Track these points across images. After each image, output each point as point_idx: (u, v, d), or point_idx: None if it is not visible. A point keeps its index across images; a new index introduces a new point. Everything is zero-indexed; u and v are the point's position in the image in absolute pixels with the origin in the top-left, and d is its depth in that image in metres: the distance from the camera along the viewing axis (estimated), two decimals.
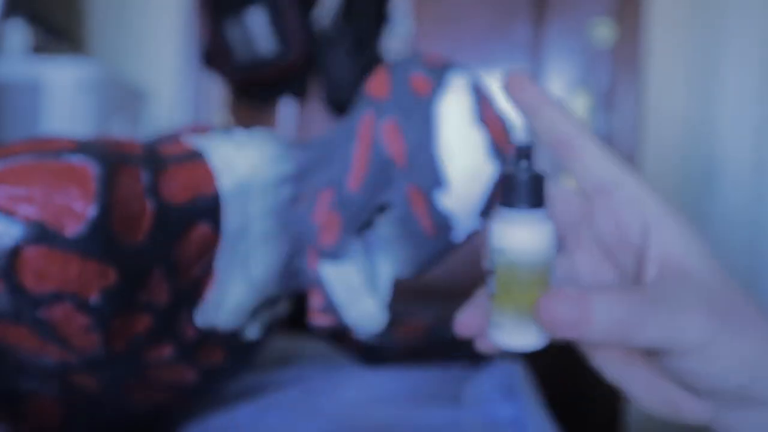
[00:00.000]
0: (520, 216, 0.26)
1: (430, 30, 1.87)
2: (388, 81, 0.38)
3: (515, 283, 0.26)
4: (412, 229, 0.37)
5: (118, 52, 1.93)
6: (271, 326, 0.45)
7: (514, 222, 0.26)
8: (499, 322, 0.26)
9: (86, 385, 0.36)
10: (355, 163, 0.38)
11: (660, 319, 0.25)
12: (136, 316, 0.34)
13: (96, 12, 1.96)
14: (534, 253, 0.26)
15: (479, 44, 1.85)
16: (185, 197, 0.36)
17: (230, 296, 0.39)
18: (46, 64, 1.48)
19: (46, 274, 0.30)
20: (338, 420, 0.52)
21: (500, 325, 0.26)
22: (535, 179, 0.26)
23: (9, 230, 0.29)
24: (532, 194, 0.26)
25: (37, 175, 0.31)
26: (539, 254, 0.26)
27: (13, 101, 1.39)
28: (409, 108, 0.37)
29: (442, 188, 0.36)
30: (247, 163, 0.38)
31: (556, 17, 1.82)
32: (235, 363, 0.44)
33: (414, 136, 0.36)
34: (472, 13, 1.85)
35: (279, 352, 0.74)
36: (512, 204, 0.26)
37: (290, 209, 0.39)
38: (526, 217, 0.26)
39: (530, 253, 0.26)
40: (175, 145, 0.37)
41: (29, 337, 0.31)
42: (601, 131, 1.80)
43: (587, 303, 0.25)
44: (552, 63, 1.82)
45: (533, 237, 0.26)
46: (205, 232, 0.37)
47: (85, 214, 0.31)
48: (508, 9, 1.84)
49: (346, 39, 1.75)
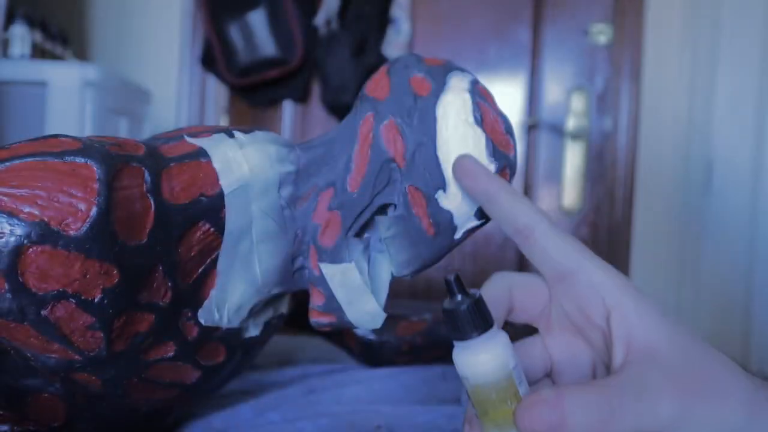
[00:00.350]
0: (472, 344, 0.28)
1: (430, 31, 1.87)
2: (388, 82, 0.38)
3: (487, 402, 0.28)
4: (412, 229, 0.37)
5: (119, 53, 1.93)
6: (272, 325, 0.45)
7: (467, 351, 0.28)
8: None
9: (89, 384, 0.36)
10: (355, 164, 0.38)
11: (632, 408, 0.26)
12: (138, 315, 0.34)
13: (98, 15, 1.96)
14: (493, 372, 0.28)
15: (479, 46, 1.85)
16: (187, 197, 0.36)
17: (232, 295, 0.39)
18: (49, 65, 1.48)
19: (49, 274, 0.30)
20: (338, 419, 0.53)
21: None
22: (472, 307, 0.28)
23: (12, 230, 0.30)
24: (473, 322, 0.28)
25: (40, 176, 0.31)
26: (498, 371, 0.28)
27: (17, 102, 1.39)
28: (409, 109, 0.37)
29: (441, 188, 0.36)
30: (248, 164, 0.38)
31: (555, 19, 1.82)
32: (236, 361, 0.44)
33: (414, 136, 0.37)
34: (472, 14, 1.85)
35: (279, 352, 0.74)
36: (461, 337, 0.28)
37: (291, 209, 0.40)
38: (476, 343, 0.28)
39: (490, 374, 0.28)
40: (177, 146, 0.38)
41: (33, 336, 0.31)
42: (599, 132, 1.80)
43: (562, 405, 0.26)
44: (550, 64, 1.82)
45: (488, 359, 0.28)
46: (207, 232, 0.37)
47: (88, 214, 0.31)
48: (508, 11, 1.84)
49: (346, 41, 1.75)
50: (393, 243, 0.39)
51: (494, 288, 0.32)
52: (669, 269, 1.74)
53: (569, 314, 0.31)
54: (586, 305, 0.30)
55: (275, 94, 1.90)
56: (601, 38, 1.79)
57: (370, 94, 0.39)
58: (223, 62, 1.83)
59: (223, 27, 1.81)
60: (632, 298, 0.29)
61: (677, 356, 0.27)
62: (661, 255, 1.75)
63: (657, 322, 0.28)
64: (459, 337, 0.28)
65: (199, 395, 0.45)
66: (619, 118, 1.78)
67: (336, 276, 0.39)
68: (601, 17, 1.79)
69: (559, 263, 0.31)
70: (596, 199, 1.80)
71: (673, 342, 0.28)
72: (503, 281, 0.32)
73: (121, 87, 1.58)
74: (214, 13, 1.81)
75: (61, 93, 1.38)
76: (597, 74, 1.80)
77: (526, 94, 1.84)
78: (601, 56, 1.79)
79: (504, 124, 0.37)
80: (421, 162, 0.37)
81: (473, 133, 0.36)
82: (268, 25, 1.78)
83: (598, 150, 1.80)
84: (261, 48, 1.79)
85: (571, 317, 0.31)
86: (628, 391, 0.26)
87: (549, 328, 0.32)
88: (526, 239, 0.31)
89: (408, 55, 0.40)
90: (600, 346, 0.30)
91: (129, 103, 1.63)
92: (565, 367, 0.32)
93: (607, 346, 0.30)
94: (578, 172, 1.81)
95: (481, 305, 0.28)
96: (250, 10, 1.78)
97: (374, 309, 0.39)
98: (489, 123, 0.37)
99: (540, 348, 0.32)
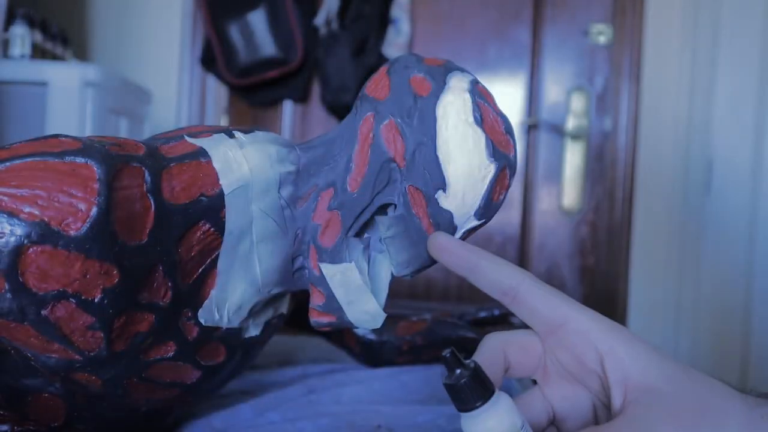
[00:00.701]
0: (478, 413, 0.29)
1: (430, 31, 1.87)
2: (388, 82, 0.38)
3: None
4: (412, 229, 0.37)
5: (119, 53, 1.93)
6: (272, 325, 0.45)
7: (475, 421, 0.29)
8: None
9: (89, 384, 0.36)
10: (355, 164, 0.38)
11: None
12: (138, 315, 0.34)
13: (98, 15, 1.96)
14: None
15: (479, 46, 1.85)
16: (187, 197, 0.36)
17: (232, 295, 0.39)
18: (49, 65, 1.48)
19: (50, 274, 0.30)
20: (338, 419, 0.53)
21: None
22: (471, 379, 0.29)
23: (13, 230, 0.30)
24: (475, 393, 0.29)
25: (40, 176, 0.31)
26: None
27: (17, 102, 1.39)
28: (409, 109, 0.37)
29: (441, 188, 0.36)
30: (249, 164, 0.38)
31: (555, 19, 1.82)
32: (236, 361, 0.44)
33: (414, 136, 0.37)
34: (472, 14, 1.85)
35: (279, 352, 0.74)
36: (466, 408, 0.29)
37: (291, 209, 0.40)
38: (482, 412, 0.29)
39: None
40: (177, 146, 0.38)
41: (33, 336, 0.32)
42: (599, 132, 1.80)
43: None
44: (550, 64, 1.82)
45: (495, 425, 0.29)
46: (207, 232, 0.37)
47: (88, 214, 0.31)
48: (508, 11, 1.84)
49: (346, 41, 1.75)
50: (393, 243, 0.39)
51: (488, 351, 0.33)
52: (669, 269, 1.74)
53: (564, 363, 0.32)
54: (580, 353, 0.31)
55: (275, 94, 1.90)
56: (601, 38, 1.79)
57: (370, 94, 0.39)
58: (223, 62, 1.83)
59: (223, 27, 1.81)
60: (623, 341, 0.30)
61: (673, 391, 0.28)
62: (661, 255, 1.75)
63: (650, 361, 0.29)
64: (464, 408, 0.29)
65: (199, 395, 0.45)
66: (619, 118, 1.78)
67: (336, 276, 0.39)
68: (601, 17, 1.79)
69: (547, 317, 0.32)
70: (596, 199, 1.80)
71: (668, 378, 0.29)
72: (496, 343, 0.33)
73: (121, 87, 1.58)
74: (214, 13, 1.81)
75: (61, 93, 1.38)
76: (597, 74, 1.80)
77: (526, 94, 1.84)
78: (601, 56, 1.80)
79: (504, 124, 0.37)
80: (421, 162, 0.37)
81: (473, 133, 0.36)
82: (268, 25, 1.78)
83: (598, 150, 1.80)
84: (261, 48, 1.79)
85: (566, 366, 0.32)
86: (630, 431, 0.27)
87: (547, 378, 0.33)
88: (513, 299, 0.32)
89: (408, 55, 0.40)
90: (598, 390, 0.31)
91: (129, 103, 1.63)
92: (567, 413, 0.33)
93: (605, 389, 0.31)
94: (578, 172, 1.81)
95: (480, 374, 0.29)
96: (250, 10, 1.78)
97: (374, 309, 0.39)
98: (489, 123, 0.37)
99: (540, 399, 0.33)
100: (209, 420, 0.51)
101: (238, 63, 1.81)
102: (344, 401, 0.58)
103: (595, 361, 0.30)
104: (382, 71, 0.40)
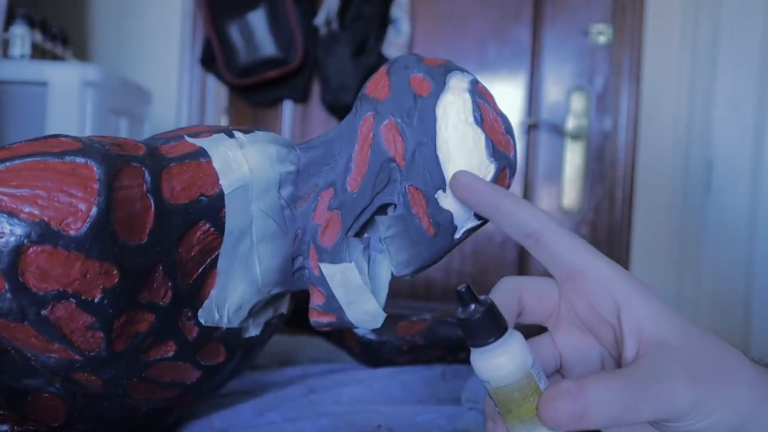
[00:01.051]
0: (490, 349, 0.29)
1: (430, 31, 1.87)
2: (388, 82, 0.38)
3: (511, 402, 0.29)
4: (412, 229, 0.37)
5: (119, 53, 1.93)
6: (272, 325, 0.45)
7: (486, 356, 0.29)
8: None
9: (90, 384, 0.36)
10: (355, 164, 0.38)
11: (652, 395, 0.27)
12: (138, 315, 0.34)
13: (98, 15, 1.96)
14: (513, 373, 0.29)
15: (479, 46, 1.85)
16: (187, 197, 0.36)
17: (232, 295, 0.39)
18: (49, 65, 1.48)
19: (50, 274, 0.30)
20: (338, 419, 0.53)
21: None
22: (486, 315, 0.29)
23: (13, 230, 0.30)
24: (489, 329, 0.29)
25: (40, 176, 0.31)
26: (518, 371, 0.29)
27: (17, 102, 1.39)
28: (409, 109, 0.37)
29: (441, 188, 0.36)
30: (249, 164, 0.38)
31: (555, 19, 1.82)
32: (236, 361, 0.44)
33: (414, 136, 0.37)
34: (472, 14, 1.85)
35: (279, 352, 0.74)
36: (479, 344, 0.29)
37: (291, 209, 0.40)
38: (492, 348, 0.29)
39: (511, 375, 0.29)
40: (177, 146, 0.38)
41: (33, 336, 0.32)
42: (599, 132, 1.80)
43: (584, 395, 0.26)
44: (550, 64, 1.82)
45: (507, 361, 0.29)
46: (207, 232, 0.37)
47: (88, 214, 0.31)
48: (508, 11, 1.84)
49: (346, 41, 1.75)
50: (393, 243, 0.39)
51: (503, 293, 0.32)
52: (669, 269, 1.74)
53: (579, 312, 0.32)
54: (596, 302, 0.31)
55: (275, 94, 1.90)
56: (601, 38, 1.79)
57: (370, 94, 0.39)
58: (223, 62, 1.83)
59: (223, 27, 1.81)
60: (640, 294, 0.30)
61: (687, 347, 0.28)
62: (661, 255, 1.75)
63: (665, 316, 0.29)
64: (477, 344, 0.29)
65: (199, 395, 0.45)
66: (619, 118, 1.78)
67: (336, 276, 0.39)
68: (601, 17, 1.79)
69: (569, 263, 0.31)
70: (596, 199, 1.80)
71: (682, 333, 0.29)
72: (511, 285, 0.33)
73: (121, 87, 1.58)
74: (214, 13, 1.81)
75: (61, 93, 1.38)
76: (597, 74, 1.80)
77: (526, 94, 1.84)
78: (601, 56, 1.80)
79: (504, 124, 0.37)
80: (421, 162, 0.37)
81: (473, 133, 0.36)
82: (268, 25, 1.78)
83: (598, 150, 1.80)
84: (261, 48, 1.79)
85: (580, 315, 0.32)
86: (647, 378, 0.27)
87: (558, 326, 0.33)
88: (536, 243, 0.32)
89: (408, 55, 0.40)
90: (610, 342, 0.31)
91: (129, 103, 1.63)
92: (574, 363, 0.33)
93: (617, 342, 0.30)
94: (578, 172, 1.81)
95: (494, 311, 0.29)
96: (250, 10, 1.78)
97: (374, 309, 0.39)
98: (489, 123, 0.37)
99: (550, 345, 0.33)
100: (209, 420, 0.51)
101: (238, 63, 1.81)
102: (344, 401, 0.59)
103: (611, 310, 0.30)
104: (382, 71, 0.40)
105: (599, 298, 0.30)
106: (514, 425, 0.30)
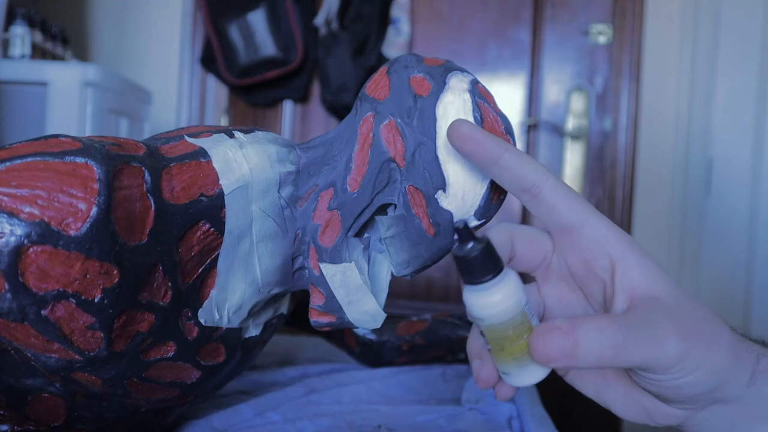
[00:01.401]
0: (484, 287, 0.29)
1: (430, 31, 1.87)
2: (388, 82, 0.38)
3: (504, 339, 0.29)
4: (412, 229, 0.37)
5: (119, 53, 1.93)
6: (272, 325, 0.45)
7: (481, 294, 0.29)
8: (506, 371, 0.30)
9: (90, 384, 0.36)
10: (355, 164, 0.38)
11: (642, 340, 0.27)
12: (138, 314, 0.34)
13: (98, 15, 1.96)
14: (508, 310, 0.29)
15: (479, 46, 1.85)
16: (187, 197, 0.36)
17: (232, 295, 0.39)
18: (49, 65, 1.48)
19: (50, 274, 0.30)
20: (338, 419, 0.53)
21: (508, 373, 0.30)
22: (482, 253, 0.28)
23: (13, 230, 0.30)
24: (486, 266, 0.29)
25: (40, 176, 0.31)
26: (513, 309, 0.29)
27: (17, 102, 1.39)
28: (409, 109, 0.37)
29: (441, 188, 0.36)
30: (249, 164, 0.38)
31: (555, 19, 1.82)
32: (236, 361, 0.44)
33: (414, 136, 0.37)
34: (472, 14, 1.85)
35: (279, 352, 0.74)
36: (475, 281, 0.29)
37: (291, 209, 0.40)
38: (488, 286, 0.29)
39: (506, 312, 0.29)
40: (177, 146, 0.38)
41: (33, 336, 0.32)
42: (599, 132, 1.80)
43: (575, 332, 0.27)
44: (550, 64, 1.82)
45: (502, 299, 0.29)
46: (207, 232, 0.37)
47: (88, 214, 0.31)
48: (508, 11, 1.84)
49: (346, 41, 1.75)
50: (393, 243, 0.39)
51: (497, 235, 0.32)
52: (669, 269, 1.74)
53: (571, 266, 0.32)
54: (591, 258, 0.31)
55: (275, 94, 1.89)
56: (601, 38, 1.79)
57: (370, 94, 0.39)
58: (223, 62, 1.83)
59: (223, 27, 1.81)
60: (636, 254, 0.30)
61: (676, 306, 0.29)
62: (661, 255, 1.75)
63: (658, 276, 0.30)
64: (473, 281, 0.29)
65: (199, 395, 0.45)
66: (618, 118, 1.78)
67: (336, 276, 0.39)
68: (601, 17, 1.79)
69: (567, 218, 0.31)
70: (596, 199, 1.80)
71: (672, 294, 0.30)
72: (506, 230, 0.33)
73: (121, 87, 1.58)
74: (214, 13, 1.81)
75: (61, 93, 1.38)
76: (597, 74, 1.80)
77: (526, 94, 1.84)
78: (600, 56, 1.79)
79: (504, 124, 0.37)
80: (421, 162, 0.37)
81: None
82: (268, 25, 1.78)
83: (598, 150, 1.80)
84: (261, 48, 1.79)
85: (572, 269, 0.32)
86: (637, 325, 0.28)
87: (547, 278, 0.33)
88: (534, 197, 0.32)
89: (408, 55, 0.40)
90: (598, 299, 0.32)
91: (129, 103, 1.63)
92: (558, 314, 0.33)
93: (605, 299, 0.31)
94: (578, 172, 1.81)
95: (491, 249, 0.29)
96: (250, 10, 1.78)
97: (374, 309, 0.39)
98: (489, 123, 0.37)
99: (536, 294, 0.33)
100: (209, 420, 0.51)
101: (238, 63, 1.81)
102: (344, 401, 0.59)
103: (605, 267, 0.31)
104: (382, 71, 0.40)
105: (595, 254, 0.31)
106: (506, 362, 0.30)
